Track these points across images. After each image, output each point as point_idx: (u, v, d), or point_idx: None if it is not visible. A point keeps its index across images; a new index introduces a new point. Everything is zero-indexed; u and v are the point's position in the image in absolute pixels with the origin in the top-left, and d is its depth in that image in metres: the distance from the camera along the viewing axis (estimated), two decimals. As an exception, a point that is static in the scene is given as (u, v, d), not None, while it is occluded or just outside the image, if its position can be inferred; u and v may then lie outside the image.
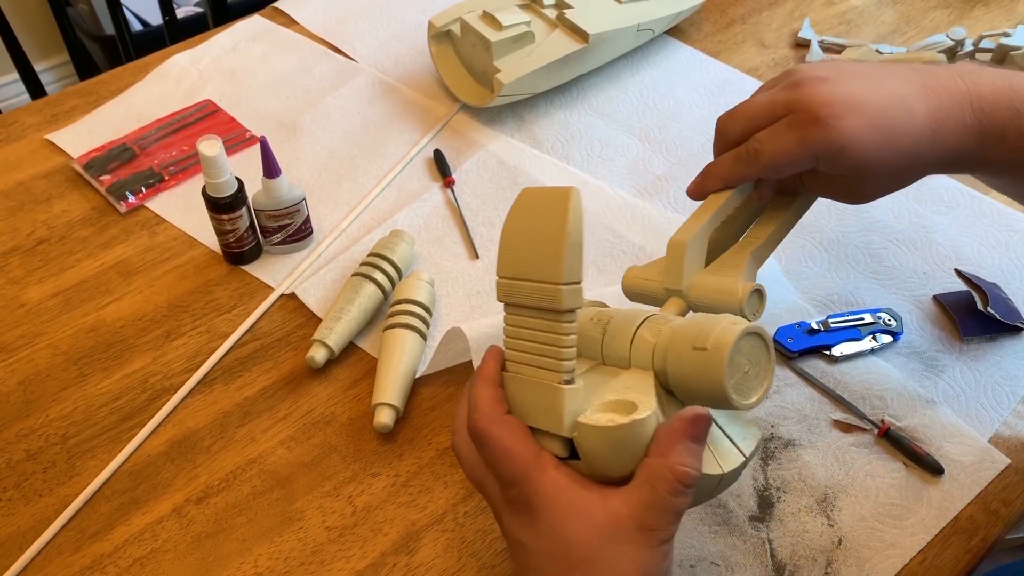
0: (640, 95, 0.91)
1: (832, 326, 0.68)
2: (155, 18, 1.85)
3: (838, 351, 0.67)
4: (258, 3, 1.06)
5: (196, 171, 0.83)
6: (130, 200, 0.80)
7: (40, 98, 0.93)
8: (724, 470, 0.45)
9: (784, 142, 0.51)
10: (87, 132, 0.87)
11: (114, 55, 1.77)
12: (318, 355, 0.66)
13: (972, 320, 0.69)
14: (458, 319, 0.71)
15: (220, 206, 0.70)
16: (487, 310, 0.71)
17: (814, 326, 0.68)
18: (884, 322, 0.68)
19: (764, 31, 1.00)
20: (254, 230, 0.74)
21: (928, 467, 0.61)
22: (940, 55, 0.90)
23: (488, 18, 0.84)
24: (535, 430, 0.45)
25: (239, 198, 0.70)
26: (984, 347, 0.68)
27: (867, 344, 0.67)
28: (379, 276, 0.70)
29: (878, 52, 0.94)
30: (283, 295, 0.73)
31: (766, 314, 0.52)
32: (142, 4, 1.85)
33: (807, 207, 0.58)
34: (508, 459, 0.44)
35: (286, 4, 1.03)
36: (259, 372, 0.68)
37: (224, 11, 1.40)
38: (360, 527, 0.59)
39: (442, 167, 0.83)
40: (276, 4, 1.04)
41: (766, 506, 0.59)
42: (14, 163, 0.84)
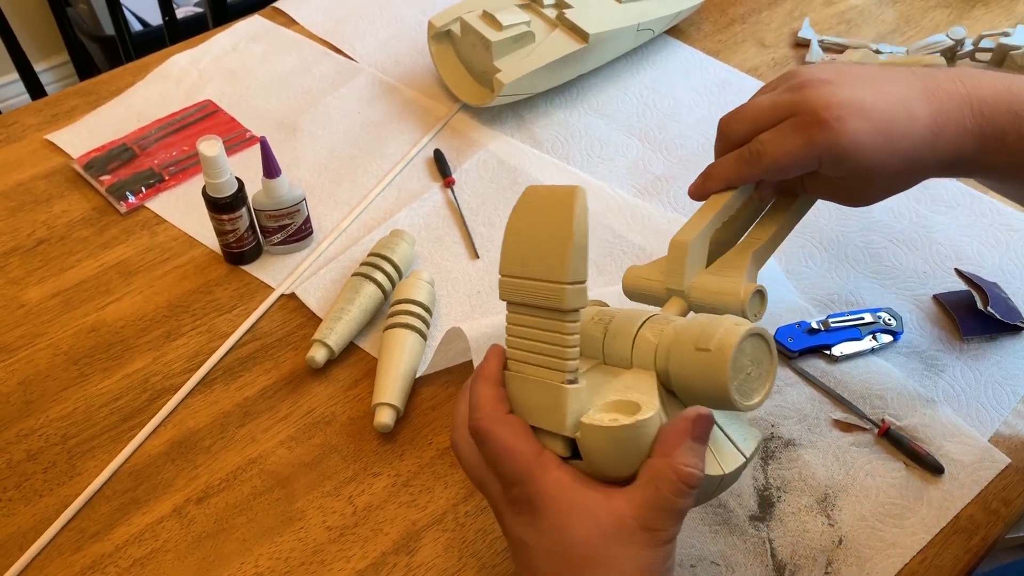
0: (640, 95, 0.91)
1: (832, 326, 0.68)
2: (155, 18, 1.85)
3: (838, 351, 0.67)
4: (258, 3, 1.06)
5: (196, 171, 0.83)
6: (130, 200, 0.80)
7: (40, 98, 0.93)
8: (725, 471, 0.45)
9: (787, 144, 0.51)
10: (87, 132, 0.87)
11: (114, 55, 1.77)
12: (318, 355, 0.66)
13: (972, 319, 0.69)
14: (458, 319, 0.71)
15: (220, 206, 0.70)
16: (487, 310, 0.72)
17: (814, 326, 0.68)
18: (884, 322, 0.68)
19: (764, 31, 1.00)
20: (254, 230, 0.74)
21: (928, 466, 0.61)
22: (940, 58, 0.90)
23: (488, 18, 0.84)
24: (536, 429, 0.45)
25: (239, 198, 0.70)
26: (984, 346, 0.68)
27: (867, 344, 0.67)
28: (379, 276, 0.70)
29: (877, 52, 0.94)
30: (283, 295, 0.73)
31: (766, 314, 0.52)
32: (142, 4, 1.85)
33: (807, 208, 0.58)
34: (510, 458, 0.44)
35: (286, 4, 1.03)
36: (259, 372, 0.68)
37: (224, 11, 1.40)
38: (361, 527, 0.59)
39: (442, 167, 0.83)
40: (276, 4, 1.04)
41: (766, 506, 0.59)
42: (14, 163, 0.84)
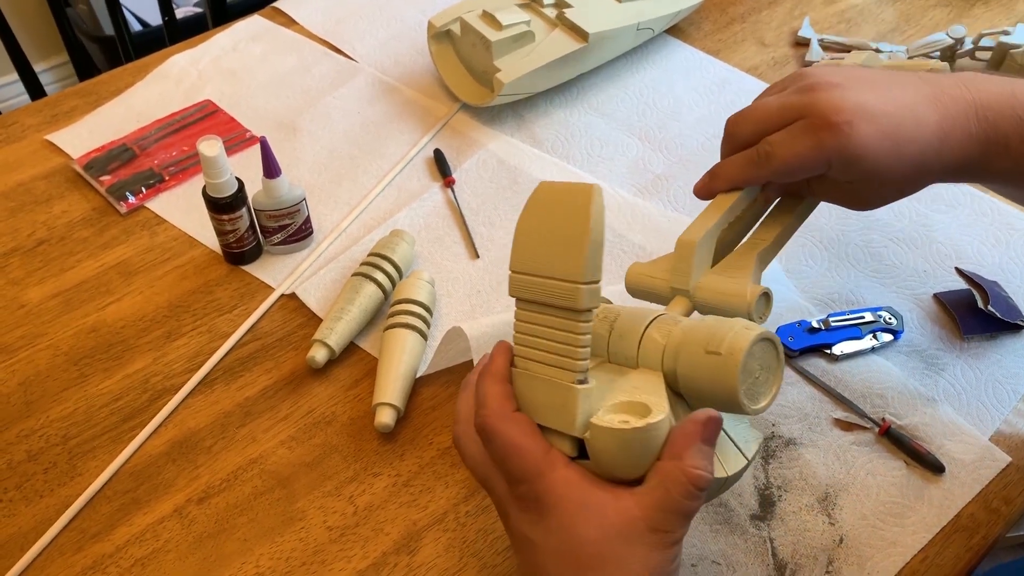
0: (640, 94, 0.91)
1: (833, 325, 0.68)
2: (155, 18, 1.85)
3: (839, 350, 0.67)
4: (258, 3, 1.06)
5: (196, 171, 0.83)
6: (130, 200, 0.80)
7: (40, 99, 0.92)
8: (728, 473, 0.45)
9: (797, 146, 0.51)
10: (87, 132, 0.87)
11: (114, 55, 1.77)
12: (319, 355, 0.66)
13: (973, 318, 0.69)
14: (459, 319, 0.71)
15: (220, 206, 0.70)
16: (488, 309, 0.71)
17: (815, 325, 0.68)
18: (885, 321, 0.68)
19: (764, 30, 1.00)
20: (254, 230, 0.74)
21: (929, 465, 0.61)
22: (943, 64, 0.90)
23: (488, 18, 0.84)
24: (543, 428, 0.44)
25: (239, 198, 0.70)
26: (985, 345, 0.68)
27: (868, 343, 0.67)
28: (379, 276, 0.70)
29: (878, 51, 0.94)
30: (283, 295, 0.73)
31: (766, 313, 0.52)
32: (142, 4, 1.85)
33: (811, 210, 0.58)
34: (518, 456, 0.43)
35: (286, 4, 1.03)
36: (260, 372, 0.68)
37: (224, 11, 1.40)
38: (361, 527, 0.59)
39: (442, 167, 0.83)
40: (276, 4, 1.04)
41: (767, 505, 0.59)
42: (14, 164, 0.84)
